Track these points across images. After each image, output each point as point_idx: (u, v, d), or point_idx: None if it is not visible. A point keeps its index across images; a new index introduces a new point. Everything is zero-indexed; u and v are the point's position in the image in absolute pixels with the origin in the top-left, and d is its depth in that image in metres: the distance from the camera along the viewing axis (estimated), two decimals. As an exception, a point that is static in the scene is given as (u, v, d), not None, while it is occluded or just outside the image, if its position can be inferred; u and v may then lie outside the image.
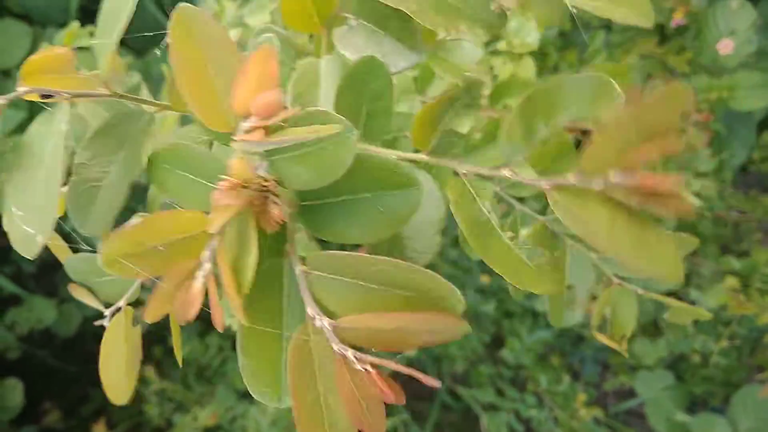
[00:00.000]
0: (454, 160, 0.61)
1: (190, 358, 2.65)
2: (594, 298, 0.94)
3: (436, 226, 0.62)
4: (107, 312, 0.70)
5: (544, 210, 0.75)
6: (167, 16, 0.57)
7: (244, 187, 0.45)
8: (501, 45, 1.22)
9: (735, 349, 2.32)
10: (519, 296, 0.89)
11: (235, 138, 0.44)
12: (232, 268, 0.45)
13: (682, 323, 0.98)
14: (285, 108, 0.42)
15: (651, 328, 2.45)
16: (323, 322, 0.45)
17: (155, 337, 2.70)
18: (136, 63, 2.24)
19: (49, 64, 0.54)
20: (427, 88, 1.13)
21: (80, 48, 1.69)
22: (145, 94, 1.37)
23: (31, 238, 0.51)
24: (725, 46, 1.94)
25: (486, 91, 0.83)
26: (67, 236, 0.68)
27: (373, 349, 0.44)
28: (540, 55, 1.50)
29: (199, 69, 0.46)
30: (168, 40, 0.47)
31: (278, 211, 0.47)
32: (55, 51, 0.54)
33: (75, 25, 1.67)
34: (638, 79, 2.07)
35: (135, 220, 0.43)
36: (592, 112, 0.54)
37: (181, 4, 0.47)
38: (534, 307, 2.55)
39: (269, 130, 0.43)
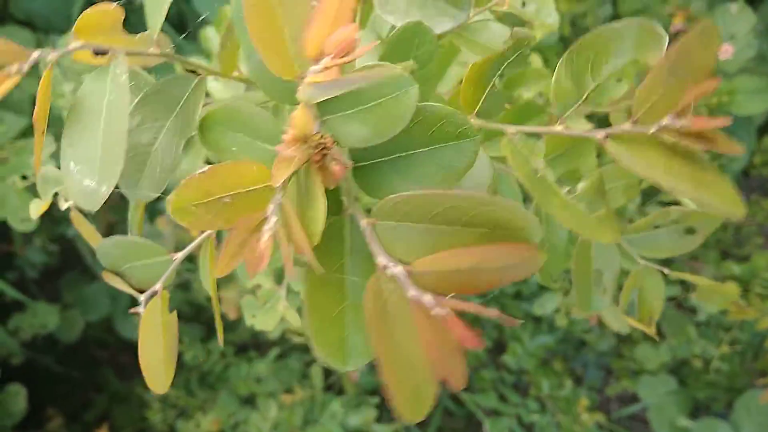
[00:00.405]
0: (502, 122, 0.61)
1: (192, 363, 2.64)
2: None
3: (486, 190, 0.62)
4: (142, 297, 0.68)
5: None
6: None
7: (305, 142, 0.46)
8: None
9: (737, 354, 2.32)
10: (547, 281, 0.90)
11: (302, 84, 0.44)
12: (300, 221, 0.45)
13: (714, 304, 0.98)
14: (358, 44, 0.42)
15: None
16: (396, 269, 0.44)
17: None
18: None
19: (101, 21, 0.53)
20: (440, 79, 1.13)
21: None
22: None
23: (93, 190, 0.50)
24: (725, 52, 1.95)
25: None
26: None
27: (449, 294, 0.43)
28: (542, 60, 1.50)
29: (270, 15, 0.46)
30: None
31: (338, 166, 0.47)
32: (108, 8, 0.53)
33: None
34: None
35: (203, 167, 0.43)
36: (639, 59, 0.54)
37: None
38: (534, 311, 2.55)
39: (342, 68, 0.42)
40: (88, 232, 0.74)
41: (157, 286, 0.68)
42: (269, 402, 2.48)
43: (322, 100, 0.47)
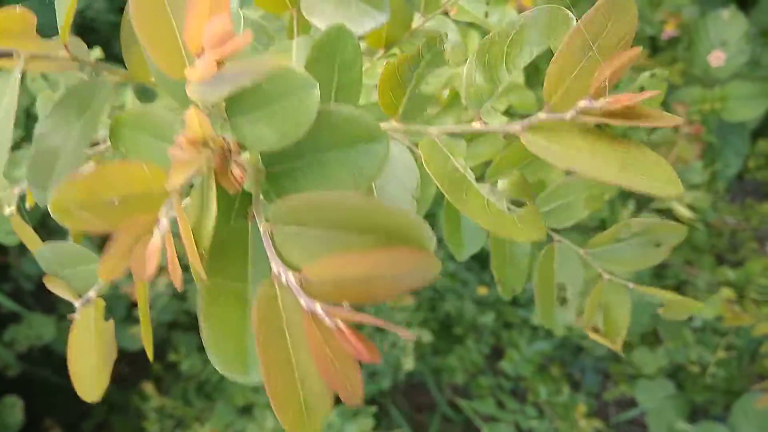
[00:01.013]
0: (424, 125, 0.61)
1: (189, 373, 2.64)
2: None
3: (411, 192, 0.61)
4: (77, 303, 0.68)
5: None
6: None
7: (205, 145, 0.44)
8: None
9: (735, 358, 2.31)
10: (507, 293, 0.89)
11: (188, 79, 0.43)
12: (192, 228, 0.45)
13: (678, 319, 0.97)
14: (233, 34, 0.41)
15: (651, 337, 2.45)
16: (288, 277, 0.43)
17: (155, 353, 2.69)
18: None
19: (8, 24, 0.53)
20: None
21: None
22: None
23: None
24: (716, 58, 1.94)
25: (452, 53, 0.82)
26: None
27: (344, 304, 0.42)
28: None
29: (159, 11, 0.45)
30: None
31: (240, 171, 0.46)
32: (15, 11, 0.53)
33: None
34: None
35: (88, 166, 0.42)
36: (552, 45, 0.54)
37: None
38: (532, 320, 2.54)
39: (221, 66, 0.41)
40: (27, 237, 0.73)
41: (91, 293, 0.67)
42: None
43: (227, 101, 0.47)
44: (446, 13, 0.81)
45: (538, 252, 0.86)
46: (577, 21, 0.51)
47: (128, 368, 2.73)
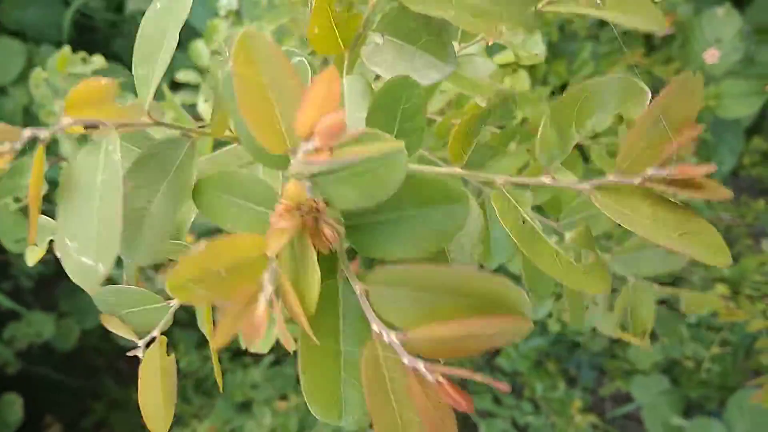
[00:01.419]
0: (489, 172, 0.62)
1: (188, 370, 2.64)
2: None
3: (476, 238, 0.63)
4: (141, 342, 0.70)
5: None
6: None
7: (298, 209, 0.46)
8: (498, 57, 1.24)
9: (729, 354, 2.33)
10: (537, 301, 0.91)
11: (294, 161, 0.45)
12: (294, 288, 0.46)
13: (700, 312, 1.00)
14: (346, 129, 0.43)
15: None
16: (391, 337, 0.45)
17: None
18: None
19: (92, 95, 0.53)
20: (428, 101, 1.14)
21: (72, 74, 1.70)
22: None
23: (90, 268, 0.50)
24: (711, 56, 1.96)
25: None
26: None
27: (441, 360, 0.45)
28: (529, 66, 1.52)
29: (260, 93, 0.46)
30: (230, 64, 0.47)
31: (330, 231, 0.48)
32: (98, 82, 0.53)
33: (66, 50, 1.69)
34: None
35: (199, 245, 0.43)
36: (622, 113, 0.56)
37: (245, 28, 0.47)
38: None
39: (332, 151, 0.43)
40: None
41: (155, 333, 0.69)
42: (264, 409, 2.48)
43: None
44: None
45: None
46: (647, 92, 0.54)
47: (128, 365, 2.69)
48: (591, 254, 0.58)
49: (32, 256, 0.86)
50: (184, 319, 2.67)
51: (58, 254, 0.53)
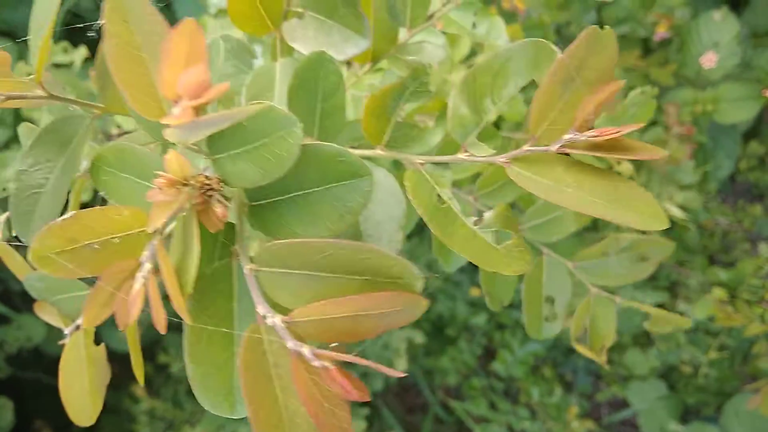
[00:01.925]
0: (409, 153, 0.60)
1: (180, 376, 2.63)
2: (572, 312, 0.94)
3: (398, 222, 0.61)
4: (67, 330, 0.67)
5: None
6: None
7: (185, 184, 0.44)
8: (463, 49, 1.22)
9: (726, 359, 2.31)
10: (495, 306, 0.89)
11: (165, 124, 0.41)
12: (175, 268, 0.44)
13: (663, 332, 0.97)
14: (210, 85, 0.40)
15: (643, 338, 2.45)
16: (274, 320, 0.43)
17: (145, 355, 2.68)
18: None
19: None
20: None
21: (57, 65, 1.69)
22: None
23: None
24: (708, 60, 1.94)
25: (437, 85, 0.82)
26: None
27: (331, 345, 0.42)
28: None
29: (133, 54, 0.44)
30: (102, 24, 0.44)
31: (222, 209, 0.45)
32: None
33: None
34: (621, 92, 2.07)
35: (67, 214, 0.41)
36: (538, 78, 0.53)
37: None
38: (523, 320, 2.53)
39: (199, 112, 0.40)
40: (15, 265, 0.72)
41: (80, 320, 0.66)
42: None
43: (208, 138, 0.46)
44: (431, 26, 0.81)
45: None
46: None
47: (118, 369, 2.69)
48: (512, 234, 0.55)
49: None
50: (175, 323, 2.66)
51: None
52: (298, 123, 0.45)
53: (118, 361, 0.69)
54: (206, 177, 0.46)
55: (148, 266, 0.42)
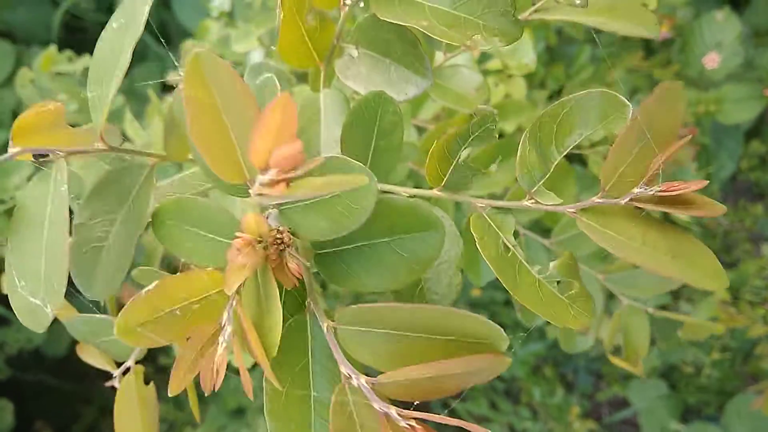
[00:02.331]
0: (468, 195, 0.59)
1: (182, 378, 2.62)
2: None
3: (455, 265, 0.60)
4: (116, 372, 0.67)
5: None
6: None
7: (259, 242, 0.43)
8: (492, 64, 1.21)
9: (728, 360, 2.32)
10: (529, 321, 0.88)
11: (252, 192, 0.41)
12: (255, 329, 0.43)
13: (698, 339, 0.98)
14: (304, 159, 0.40)
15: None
16: (361, 381, 0.42)
17: (146, 357, 2.68)
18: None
19: (40, 121, 0.51)
20: (418, 112, 1.11)
21: (59, 74, 1.67)
22: (135, 127, 1.34)
23: (39, 309, 0.48)
24: (711, 60, 1.94)
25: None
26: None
27: (414, 401, 0.42)
28: (524, 79, 1.50)
29: (214, 118, 0.43)
30: (180, 86, 0.44)
31: (296, 264, 0.45)
32: (46, 107, 0.51)
33: (52, 49, 1.66)
34: (624, 93, 2.07)
35: (150, 285, 0.40)
36: (604, 129, 0.53)
37: (196, 49, 0.44)
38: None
39: (289, 183, 0.40)
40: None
41: (129, 362, 0.67)
42: (258, 415, 2.46)
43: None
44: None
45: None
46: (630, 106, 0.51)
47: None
48: (575, 284, 0.55)
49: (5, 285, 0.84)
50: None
51: (7, 293, 0.50)
52: (375, 179, 0.44)
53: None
54: (278, 231, 0.45)
55: (229, 329, 0.42)
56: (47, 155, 0.51)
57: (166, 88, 1.82)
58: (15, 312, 0.50)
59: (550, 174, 0.54)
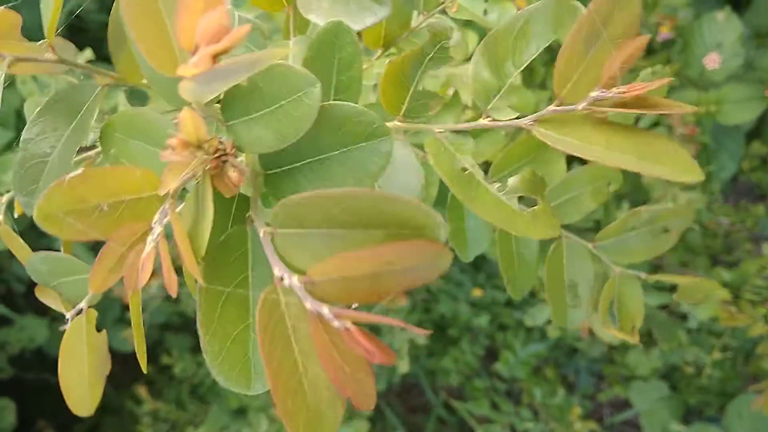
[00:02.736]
0: (428, 123, 0.59)
1: (182, 376, 2.62)
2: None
3: (416, 195, 0.59)
4: (69, 314, 0.66)
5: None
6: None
7: (199, 147, 0.42)
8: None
9: (729, 359, 2.31)
10: (517, 294, 0.88)
11: (181, 77, 0.39)
12: (188, 233, 0.43)
13: (694, 302, 0.96)
14: (230, 29, 0.38)
15: (645, 338, 2.44)
16: (292, 280, 0.41)
17: (147, 356, 2.67)
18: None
19: None
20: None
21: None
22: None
23: None
24: (711, 61, 1.94)
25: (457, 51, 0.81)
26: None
27: (354, 304, 0.41)
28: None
29: (150, 6, 0.42)
30: None
31: (236, 174, 0.44)
32: (2, 12, 0.51)
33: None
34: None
35: (76, 171, 0.40)
36: (562, 37, 0.53)
37: None
38: (525, 322, 2.52)
39: (216, 57, 0.39)
40: (16, 247, 0.71)
41: (82, 304, 0.65)
42: (260, 415, 2.46)
43: (224, 104, 0.46)
44: (445, 11, 0.80)
45: (546, 250, 0.85)
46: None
47: (121, 370, 2.67)
48: (537, 199, 0.55)
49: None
50: (178, 323, 2.66)
51: None
52: (317, 83, 0.44)
53: (120, 361, 0.67)
54: (220, 141, 0.44)
55: (159, 229, 0.42)
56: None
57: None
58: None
59: (504, 90, 0.54)
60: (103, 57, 1.88)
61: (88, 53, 1.71)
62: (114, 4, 0.50)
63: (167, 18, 0.43)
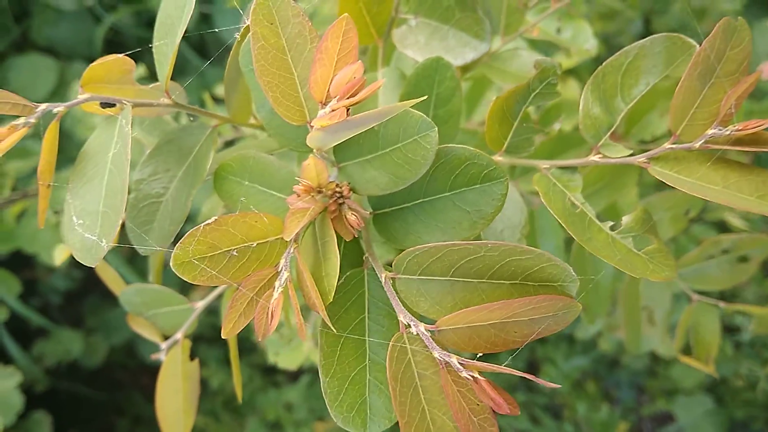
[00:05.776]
0: (531, 158, 0.58)
1: (218, 389, 2.62)
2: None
3: (520, 231, 0.58)
4: (164, 345, 0.68)
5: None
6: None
7: (319, 192, 0.43)
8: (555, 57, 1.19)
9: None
10: (591, 320, 0.86)
11: (312, 126, 0.41)
12: (313, 276, 0.42)
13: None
14: (365, 82, 0.39)
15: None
16: (420, 329, 0.41)
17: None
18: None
19: (109, 72, 0.51)
20: (473, 113, 1.09)
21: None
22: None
23: (93, 244, 0.48)
24: (764, 70, 1.91)
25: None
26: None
27: (478, 353, 0.41)
28: (578, 83, 1.49)
29: (279, 56, 0.43)
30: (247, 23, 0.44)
31: (354, 217, 0.44)
32: (115, 57, 0.51)
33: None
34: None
35: (209, 220, 0.40)
36: (672, 74, 0.51)
37: None
38: (577, 336, 2.50)
39: (349, 110, 0.39)
40: (111, 279, 0.72)
41: (178, 335, 0.67)
42: (296, 429, 2.45)
43: (335, 145, 0.44)
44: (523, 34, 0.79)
45: (621, 276, 0.83)
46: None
47: (152, 380, 2.66)
48: (652, 239, 0.53)
49: (59, 254, 0.86)
50: (210, 335, 2.65)
51: (63, 231, 0.51)
52: (434, 126, 0.43)
53: (150, 372, 0.68)
54: (337, 185, 0.44)
55: (286, 275, 0.42)
56: (114, 105, 0.51)
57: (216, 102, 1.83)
58: (71, 249, 0.50)
59: (616, 126, 0.52)
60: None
61: (141, 70, 1.70)
62: (233, 49, 0.51)
63: (294, 70, 0.43)
